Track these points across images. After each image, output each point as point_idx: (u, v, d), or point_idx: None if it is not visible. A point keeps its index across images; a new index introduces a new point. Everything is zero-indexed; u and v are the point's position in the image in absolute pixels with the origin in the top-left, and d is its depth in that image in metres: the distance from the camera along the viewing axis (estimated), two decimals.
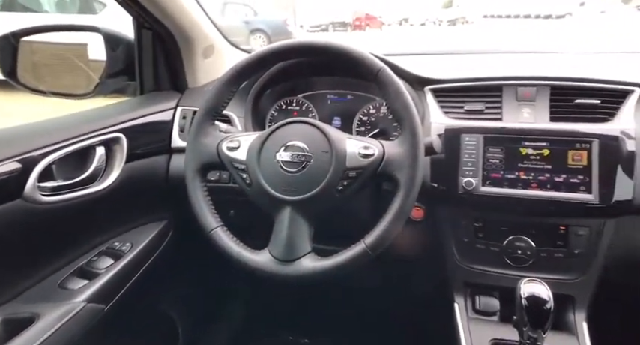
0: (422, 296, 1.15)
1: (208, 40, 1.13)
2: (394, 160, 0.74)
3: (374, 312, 1.32)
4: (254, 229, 0.80)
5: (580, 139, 0.85)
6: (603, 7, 17.28)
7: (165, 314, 1.24)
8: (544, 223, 0.89)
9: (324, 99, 1.14)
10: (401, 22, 21.22)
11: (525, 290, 0.72)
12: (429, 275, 1.01)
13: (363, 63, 0.77)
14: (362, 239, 0.73)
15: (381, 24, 17.19)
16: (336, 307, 1.40)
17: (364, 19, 16.24)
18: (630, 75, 0.90)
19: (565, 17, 18.59)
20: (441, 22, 19.70)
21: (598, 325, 0.87)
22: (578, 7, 18.73)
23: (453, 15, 20.13)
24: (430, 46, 7.74)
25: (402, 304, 1.26)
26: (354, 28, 15.78)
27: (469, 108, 0.95)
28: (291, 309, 1.46)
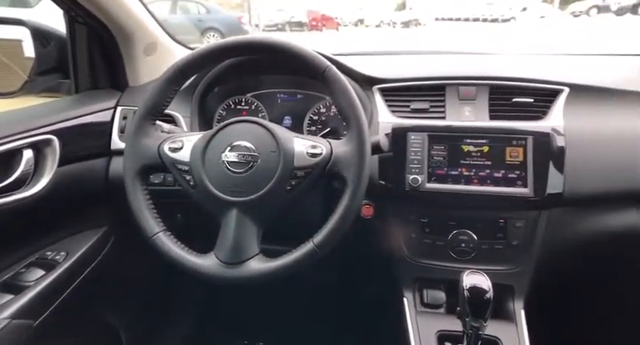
0: (374, 293, 1.16)
1: (150, 36, 1.08)
2: (341, 159, 0.75)
3: (328, 311, 1.33)
4: (204, 232, 0.77)
5: (516, 136, 0.89)
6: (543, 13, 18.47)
7: (108, 325, 1.17)
8: (485, 217, 0.93)
9: (274, 98, 1.13)
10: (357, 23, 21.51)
11: (467, 282, 0.75)
12: (380, 272, 1.02)
13: (310, 61, 0.77)
14: (310, 238, 0.73)
15: (338, 25, 17.34)
16: (290, 309, 1.39)
17: (320, 19, 16.31)
18: (561, 75, 0.96)
19: (510, 21, 19.72)
20: (395, 24, 20.19)
21: (535, 313, 0.92)
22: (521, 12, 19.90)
23: (406, 17, 20.70)
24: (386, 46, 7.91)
25: (355, 302, 1.27)
26: (311, 28, 15.80)
27: (415, 107, 0.97)
28: (245, 313, 1.44)
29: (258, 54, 0.81)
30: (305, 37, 13.99)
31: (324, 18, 16.69)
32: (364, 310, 1.21)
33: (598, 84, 0.95)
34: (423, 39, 12.47)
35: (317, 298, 1.32)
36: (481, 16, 22.12)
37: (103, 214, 1.04)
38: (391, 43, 11.18)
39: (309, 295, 1.32)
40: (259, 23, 9.36)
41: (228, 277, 0.72)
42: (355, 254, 1.07)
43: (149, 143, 0.79)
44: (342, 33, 16.36)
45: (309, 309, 1.36)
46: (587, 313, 1.14)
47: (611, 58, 1.20)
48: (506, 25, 18.97)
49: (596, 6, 17.30)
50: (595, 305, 1.11)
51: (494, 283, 0.85)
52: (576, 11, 18.45)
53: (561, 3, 19.42)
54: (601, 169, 0.88)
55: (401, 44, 10.92)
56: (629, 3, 14.38)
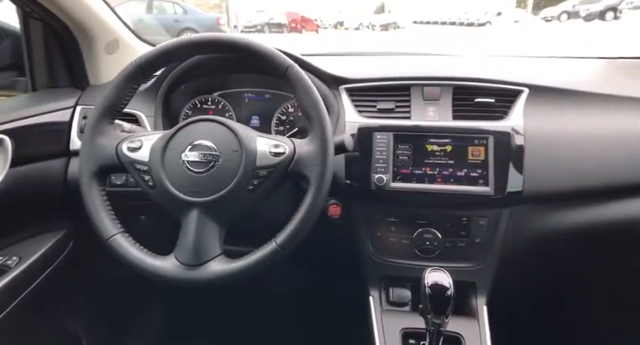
0: (342, 292, 1.17)
1: (111, 34, 1.05)
2: (304, 158, 0.75)
3: (296, 311, 1.32)
4: (169, 234, 0.76)
5: (478, 136, 0.91)
6: (517, 18, 19.02)
7: (67, 331, 1.13)
8: (449, 215, 0.94)
9: (242, 98, 1.12)
10: (336, 26, 21.65)
11: (429, 279, 0.76)
12: (348, 271, 1.02)
13: (272, 60, 0.76)
14: (273, 238, 0.73)
15: (317, 27, 17.38)
16: (259, 309, 1.37)
17: (300, 21, 16.30)
18: (521, 76, 0.98)
19: (485, 25, 20.23)
20: (374, 26, 20.40)
21: (498, 309, 0.94)
22: (496, 17, 20.45)
23: (385, 20, 20.94)
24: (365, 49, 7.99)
25: (323, 302, 1.27)
26: (290, 29, 15.77)
27: (381, 107, 0.98)
28: (211, 316, 1.41)
29: (220, 52, 0.80)
30: (284, 38, 13.97)
31: (304, 20, 16.70)
32: (333, 310, 1.21)
33: (557, 85, 0.97)
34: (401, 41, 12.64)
35: (285, 297, 1.31)
36: (457, 20, 22.61)
37: (61, 217, 1.00)
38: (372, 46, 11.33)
39: (277, 295, 1.31)
40: (238, 24, 9.28)
41: (188, 279, 0.71)
42: (323, 254, 1.07)
43: (106, 143, 0.76)
44: (321, 35, 16.43)
45: (277, 309, 1.35)
46: (548, 309, 1.17)
47: (572, 61, 1.24)
48: (481, 28, 19.44)
49: (566, 12, 17.93)
50: (556, 301, 1.14)
51: (458, 281, 0.86)
52: (548, 16, 19.08)
53: (534, 8, 20.04)
54: (559, 168, 0.91)
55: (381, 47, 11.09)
56: (596, 9, 14.97)
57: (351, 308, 1.02)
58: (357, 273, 1.01)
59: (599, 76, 1.13)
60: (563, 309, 1.16)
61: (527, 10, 19.52)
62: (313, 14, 18.65)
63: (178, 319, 1.45)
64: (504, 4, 24.41)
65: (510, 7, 24.20)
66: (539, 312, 1.17)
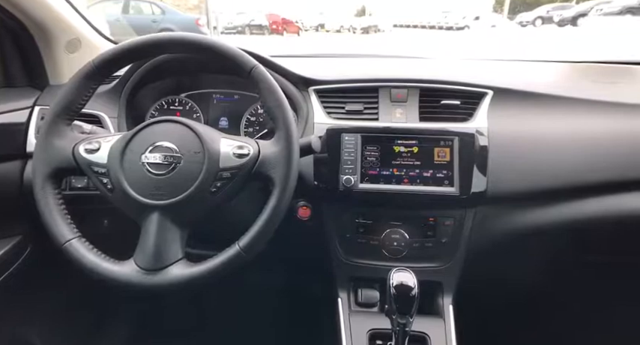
0: (312, 294, 1.16)
1: (73, 32, 1.02)
2: (269, 159, 0.74)
3: (267, 311, 1.31)
4: (133, 238, 0.74)
5: (444, 137, 0.92)
6: (494, 22, 19.49)
7: (25, 341, 1.09)
8: (416, 216, 0.95)
9: (210, 99, 1.10)
10: (317, 28, 21.71)
11: (394, 280, 0.76)
12: (318, 273, 1.02)
13: (237, 60, 0.75)
14: (236, 242, 0.72)
15: (299, 29, 17.38)
16: (229, 310, 1.35)
17: (281, 23, 16.27)
18: (486, 79, 1.00)
19: (464, 29, 20.66)
20: (355, 29, 20.55)
21: (464, 308, 0.95)
22: (474, 21, 20.92)
23: (365, 23, 21.12)
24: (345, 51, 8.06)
25: (294, 303, 1.26)
26: (272, 31, 15.71)
27: (349, 108, 0.98)
28: (181, 319, 1.38)
29: (183, 52, 0.79)
30: (266, 40, 13.92)
31: (285, 21, 16.67)
32: (303, 311, 1.20)
33: (520, 88, 1.00)
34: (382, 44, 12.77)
35: (256, 297, 1.30)
36: (437, 24, 23.02)
37: (17, 222, 0.96)
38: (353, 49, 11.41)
39: (248, 297, 1.29)
40: (217, 25, 9.18)
41: (148, 284, 0.69)
42: (294, 256, 1.07)
43: (62, 144, 0.74)
44: (303, 37, 16.43)
45: (248, 308, 1.33)
46: (513, 308, 1.19)
47: (536, 64, 1.27)
48: (460, 32, 19.84)
49: (540, 17, 18.48)
50: (521, 299, 1.16)
51: (425, 280, 0.87)
52: (523, 21, 19.62)
53: (510, 13, 20.58)
54: (522, 169, 0.92)
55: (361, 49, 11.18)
56: (568, 15, 15.49)
57: (321, 309, 1.02)
58: (327, 274, 1.01)
59: (561, 79, 1.16)
60: (528, 307, 1.18)
61: (504, 15, 20.01)
62: (294, 16, 18.66)
63: (148, 325, 1.41)
64: (482, 9, 25.00)
65: (487, 11, 24.81)
66: (504, 310, 1.19)
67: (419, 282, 0.77)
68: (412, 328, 0.80)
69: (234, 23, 15.14)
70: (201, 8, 9.09)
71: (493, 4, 28.14)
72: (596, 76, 1.20)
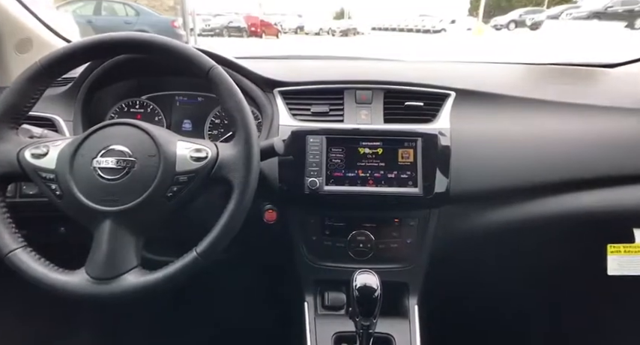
0: (280, 297, 1.15)
1: (23, 32, 0.98)
2: (228, 162, 0.73)
3: (233, 316, 1.29)
4: None
5: (408, 139, 0.93)
6: (469, 25, 19.96)
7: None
8: (381, 217, 0.95)
9: (172, 101, 1.08)
10: (297, 31, 21.76)
11: (357, 282, 0.76)
12: (285, 276, 1.01)
13: (193, 61, 0.74)
14: (194, 247, 0.70)
15: (278, 31, 17.36)
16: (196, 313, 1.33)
17: (260, 25, 16.22)
18: (449, 80, 1.01)
19: (441, 32, 21.09)
20: (334, 32, 20.70)
21: (429, 308, 0.95)
22: (450, 25, 21.39)
23: (344, 26, 21.30)
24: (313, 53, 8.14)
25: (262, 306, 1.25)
26: (250, 33, 15.64)
27: (315, 110, 0.97)
28: (143, 330, 1.35)
29: (137, 53, 0.77)
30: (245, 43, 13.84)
31: (263, 24, 16.62)
32: (270, 316, 1.19)
33: (481, 89, 1.01)
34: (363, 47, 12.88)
35: (222, 303, 1.28)
36: (414, 27, 23.41)
37: None
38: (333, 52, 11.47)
39: (215, 301, 1.27)
40: (194, 28, 9.05)
41: (99, 294, 0.66)
42: (261, 260, 1.05)
43: (7, 149, 0.71)
44: (282, 40, 16.41)
45: (216, 312, 1.31)
46: (478, 307, 1.21)
47: (497, 66, 1.30)
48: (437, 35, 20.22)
49: (514, 21, 19.05)
50: (486, 298, 1.18)
51: (390, 281, 0.87)
52: (498, 24, 20.18)
53: (485, 17, 21.11)
54: (484, 168, 0.94)
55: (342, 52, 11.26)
56: (540, 19, 16.02)
57: (288, 313, 1.01)
58: (294, 278, 1.00)
59: (522, 80, 1.19)
60: (494, 306, 1.20)
61: (479, 18, 20.52)
62: (273, 18, 18.62)
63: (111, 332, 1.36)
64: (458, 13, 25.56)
65: (463, 15, 25.39)
66: (470, 310, 1.20)
67: (385, 283, 0.77)
68: (377, 329, 0.80)
69: (211, 25, 15.00)
70: (177, 10, 8.94)
71: (469, 8, 28.84)
72: (556, 78, 1.23)
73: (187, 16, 8.48)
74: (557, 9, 18.58)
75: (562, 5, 20.40)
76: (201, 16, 15.29)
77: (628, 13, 15.77)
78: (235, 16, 16.02)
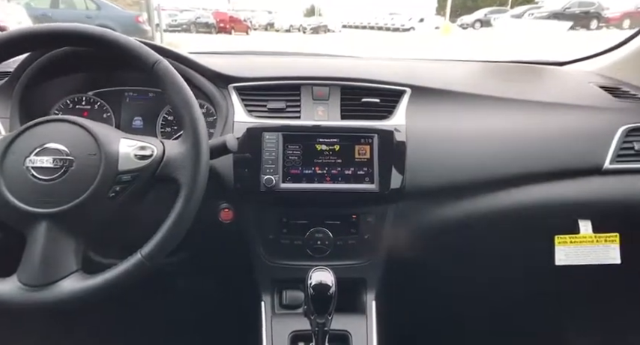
0: (237, 297, 1.13)
1: None
2: (175, 160, 0.70)
3: (190, 318, 1.26)
4: None
5: (364, 135, 0.93)
6: (437, 24, 20.43)
7: None
8: (339, 214, 0.95)
9: (122, 97, 1.03)
10: (267, 27, 21.55)
11: (312, 279, 0.75)
12: (242, 276, 0.99)
13: (138, 54, 0.71)
14: (139, 250, 0.67)
15: (247, 28, 17.10)
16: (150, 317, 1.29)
17: (229, 21, 15.92)
18: (405, 77, 1.02)
19: (410, 31, 21.47)
20: (305, 29, 20.65)
21: (388, 303, 0.96)
22: (419, 23, 21.82)
23: (315, 23, 21.29)
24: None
25: (218, 308, 1.22)
26: (219, 30, 15.32)
27: (271, 107, 0.96)
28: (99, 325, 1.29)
29: (75, 45, 0.73)
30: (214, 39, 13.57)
31: (232, 20, 16.33)
32: (228, 316, 1.17)
33: (437, 86, 1.03)
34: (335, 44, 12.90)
35: (179, 304, 1.24)
36: (384, 25, 23.71)
37: None
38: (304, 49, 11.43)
39: (172, 302, 1.23)
40: (160, 23, 8.77)
41: (33, 301, 0.63)
42: (217, 260, 1.03)
43: None
44: (252, 36, 16.20)
45: (171, 316, 1.28)
46: (437, 302, 1.23)
47: (454, 63, 1.33)
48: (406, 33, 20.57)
49: (479, 20, 19.64)
50: (444, 293, 1.20)
51: (348, 278, 0.87)
52: (464, 23, 20.74)
53: (452, 16, 21.63)
54: (439, 164, 0.95)
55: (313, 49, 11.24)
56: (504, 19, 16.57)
57: (246, 314, 0.99)
58: (251, 277, 0.98)
59: (476, 77, 1.22)
60: (452, 301, 1.22)
61: (446, 17, 21.01)
62: (242, 15, 18.35)
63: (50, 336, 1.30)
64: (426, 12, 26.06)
65: (431, 14, 25.92)
66: (428, 305, 1.22)
67: (342, 280, 0.77)
68: (334, 326, 0.80)
69: (178, 21, 14.60)
70: (141, 4, 8.63)
71: (436, 7, 29.48)
72: (509, 75, 1.27)
73: (152, 11, 8.22)
74: (520, 9, 19.33)
75: (525, 5, 21.24)
76: (167, 11, 14.86)
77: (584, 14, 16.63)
78: (203, 12, 15.66)
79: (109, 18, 7.23)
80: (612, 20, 15.78)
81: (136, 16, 7.64)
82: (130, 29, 7.09)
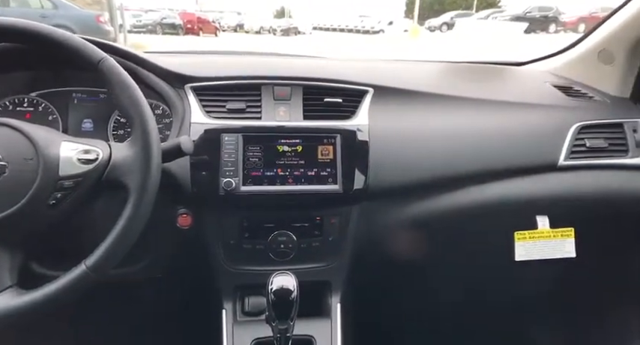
0: (198, 306, 1.09)
1: None
2: (123, 164, 0.67)
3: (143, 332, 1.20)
4: None
5: (327, 135, 0.91)
6: (406, 27, 20.85)
7: None
8: (303, 216, 0.93)
9: (69, 98, 0.97)
10: (236, 29, 21.31)
11: (273, 285, 0.73)
12: (203, 284, 0.95)
13: (81, 52, 0.67)
14: (83, 260, 0.63)
15: (216, 29, 16.80)
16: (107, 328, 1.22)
17: (196, 22, 15.60)
18: (368, 77, 1.02)
19: (379, 33, 21.82)
20: (275, 31, 20.56)
21: (352, 305, 0.95)
22: (388, 26, 22.21)
23: (285, 25, 21.24)
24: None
25: (179, 317, 1.18)
26: (186, 31, 14.97)
27: (231, 107, 0.93)
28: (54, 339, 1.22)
29: (16, 42, 0.68)
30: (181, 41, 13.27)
31: (200, 21, 16.01)
32: (189, 326, 1.12)
33: (399, 86, 1.03)
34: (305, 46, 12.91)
35: (140, 314, 1.19)
36: (354, 28, 23.99)
37: None
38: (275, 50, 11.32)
39: (132, 312, 1.17)
40: (124, 23, 8.46)
41: None
42: (178, 267, 0.99)
43: None
44: (221, 38, 15.96)
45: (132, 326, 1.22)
46: (403, 303, 1.23)
47: (416, 64, 1.34)
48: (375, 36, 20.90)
49: (446, 23, 20.19)
50: (408, 292, 1.20)
51: (313, 281, 0.85)
52: (432, 26, 21.28)
53: (420, 19, 22.14)
54: (401, 163, 0.95)
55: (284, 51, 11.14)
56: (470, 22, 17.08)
57: (208, 322, 0.95)
58: (212, 284, 0.95)
59: (438, 78, 1.24)
60: (419, 302, 1.23)
61: (414, 20, 21.46)
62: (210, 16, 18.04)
63: None
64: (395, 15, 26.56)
65: (400, 17, 26.44)
66: (395, 307, 1.22)
67: (307, 283, 0.75)
68: (297, 331, 0.78)
69: (143, 21, 14.15)
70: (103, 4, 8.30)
71: (405, 10, 30.09)
72: (470, 75, 1.29)
73: (115, 11, 7.92)
74: (485, 12, 20.04)
75: (489, 9, 22.03)
76: (130, 11, 14.38)
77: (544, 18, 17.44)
78: (169, 13, 15.25)
79: (66, 17, 6.87)
80: (569, 24, 16.63)
81: (96, 16, 7.30)
82: (90, 30, 6.77)
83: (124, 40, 7.82)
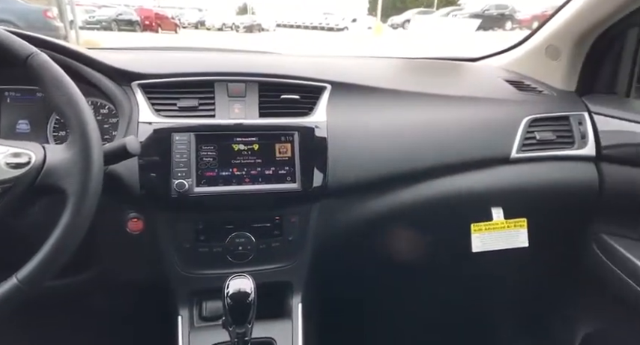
0: (152, 315, 1.05)
1: None
2: (59, 168, 0.62)
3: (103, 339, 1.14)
4: None
5: (285, 133, 0.89)
6: (370, 24, 21.08)
7: None
8: (261, 216, 0.90)
9: (2, 97, 0.90)
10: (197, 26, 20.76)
11: (229, 288, 0.70)
12: (157, 290, 0.91)
13: (6, 46, 0.61)
14: (14, 273, 0.58)
15: (176, 26, 16.24)
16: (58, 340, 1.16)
17: (154, 18, 15.01)
18: (325, 74, 1.00)
19: (343, 30, 21.94)
20: (238, 28, 20.20)
21: (314, 305, 0.94)
22: (352, 23, 22.38)
23: (248, 21, 20.92)
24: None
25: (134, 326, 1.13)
26: (144, 28, 14.38)
27: (182, 105, 0.89)
28: None
29: None
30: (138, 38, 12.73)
31: (159, 17, 15.42)
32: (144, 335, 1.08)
33: (358, 82, 1.02)
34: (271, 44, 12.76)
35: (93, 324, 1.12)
36: (319, 25, 24.01)
37: None
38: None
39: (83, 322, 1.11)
40: (75, 19, 7.98)
41: None
42: (130, 274, 0.94)
43: None
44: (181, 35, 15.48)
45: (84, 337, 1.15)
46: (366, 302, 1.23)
47: (376, 60, 1.34)
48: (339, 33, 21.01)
49: (408, 20, 20.58)
50: (371, 290, 1.21)
51: (273, 282, 0.83)
52: (394, 24, 21.63)
53: (383, 16, 22.45)
54: (360, 159, 0.95)
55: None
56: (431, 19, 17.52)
57: (163, 330, 0.91)
58: (167, 292, 0.91)
59: (396, 74, 1.24)
60: (379, 298, 1.23)
61: (378, 18, 21.73)
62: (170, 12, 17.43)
63: None
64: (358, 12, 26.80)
65: (363, 14, 26.71)
66: (358, 305, 1.22)
67: (267, 284, 0.73)
68: (257, 334, 0.76)
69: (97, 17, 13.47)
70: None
71: (368, 8, 30.44)
72: (427, 70, 1.31)
73: (64, 6, 7.47)
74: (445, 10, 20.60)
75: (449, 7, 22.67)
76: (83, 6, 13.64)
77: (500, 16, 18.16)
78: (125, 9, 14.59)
79: (9, 11, 6.40)
80: (524, 22, 17.40)
81: (44, 11, 6.84)
82: (37, 25, 6.33)
83: (76, 37, 7.39)
